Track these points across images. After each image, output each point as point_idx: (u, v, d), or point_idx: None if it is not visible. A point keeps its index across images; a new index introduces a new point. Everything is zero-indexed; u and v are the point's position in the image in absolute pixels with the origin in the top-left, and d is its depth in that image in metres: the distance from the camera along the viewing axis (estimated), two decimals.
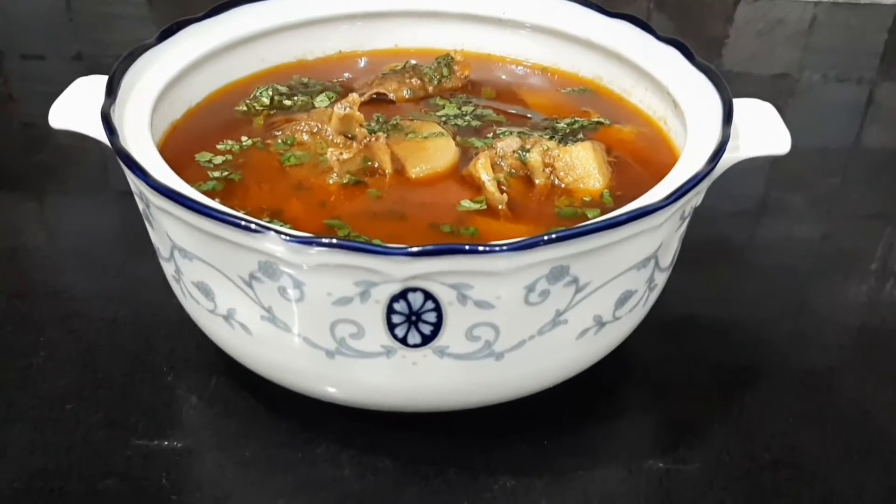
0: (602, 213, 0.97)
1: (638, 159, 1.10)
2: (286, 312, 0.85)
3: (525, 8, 1.25)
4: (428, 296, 0.81)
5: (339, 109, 1.06)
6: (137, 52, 1.08)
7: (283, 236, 0.78)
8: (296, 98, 1.18)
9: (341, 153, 1.02)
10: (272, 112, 1.16)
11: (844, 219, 1.41)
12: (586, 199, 1.01)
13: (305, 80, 1.23)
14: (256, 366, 0.96)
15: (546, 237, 0.79)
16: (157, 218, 0.91)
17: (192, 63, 1.14)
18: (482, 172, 1.01)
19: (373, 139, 1.04)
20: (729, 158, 0.97)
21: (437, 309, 0.82)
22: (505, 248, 0.78)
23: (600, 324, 0.91)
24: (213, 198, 0.98)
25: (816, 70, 1.85)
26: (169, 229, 0.90)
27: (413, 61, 1.24)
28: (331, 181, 1.02)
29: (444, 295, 0.81)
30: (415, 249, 0.77)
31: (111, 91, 0.98)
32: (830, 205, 1.44)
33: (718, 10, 2.08)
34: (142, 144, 0.95)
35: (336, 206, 0.99)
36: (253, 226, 0.79)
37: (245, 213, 0.95)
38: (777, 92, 1.85)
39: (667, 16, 2.07)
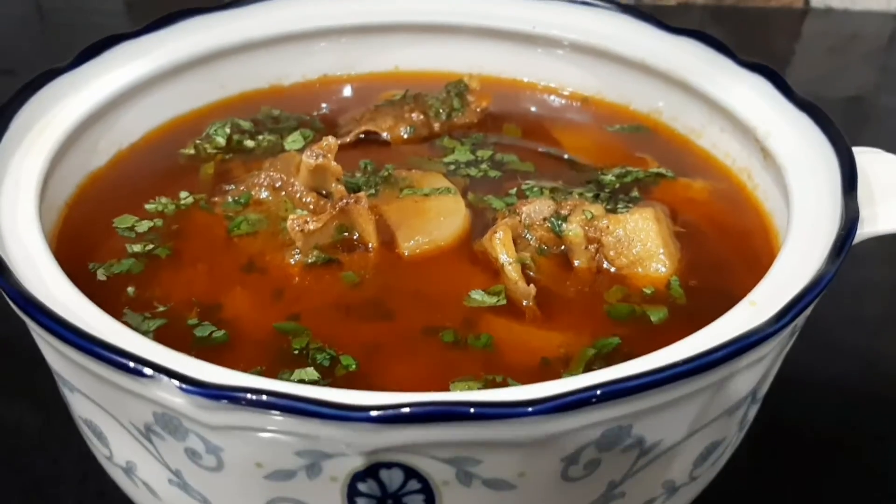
0: (670, 313, 0.67)
1: (714, 227, 0.79)
2: (200, 482, 0.55)
3: (562, 21, 0.94)
4: (411, 473, 0.50)
5: (310, 159, 0.76)
6: (42, 80, 0.79)
7: (178, 384, 0.48)
8: (261, 137, 0.88)
9: (306, 222, 0.72)
10: (228, 156, 0.86)
11: None
12: (647, 290, 0.70)
13: (276, 112, 0.93)
14: None
15: (599, 392, 0.48)
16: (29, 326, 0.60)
17: (124, 91, 0.85)
18: (501, 251, 0.70)
19: (351, 201, 0.73)
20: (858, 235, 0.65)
21: (427, 490, 0.51)
22: (532, 409, 0.47)
23: (671, 490, 0.60)
24: (124, 284, 0.68)
25: None
26: (42, 346, 0.60)
27: (414, 91, 0.93)
28: (292, 260, 0.72)
29: (437, 472, 0.51)
30: (381, 413, 0.46)
31: None
32: None
33: (784, 22, 1.77)
34: (17, 217, 0.65)
35: (296, 296, 0.69)
36: (132, 365, 0.49)
37: (165, 308, 0.66)
38: (849, 118, 1.57)
39: (723, 29, 1.76)
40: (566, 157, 0.88)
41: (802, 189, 0.70)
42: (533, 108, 0.96)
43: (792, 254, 0.63)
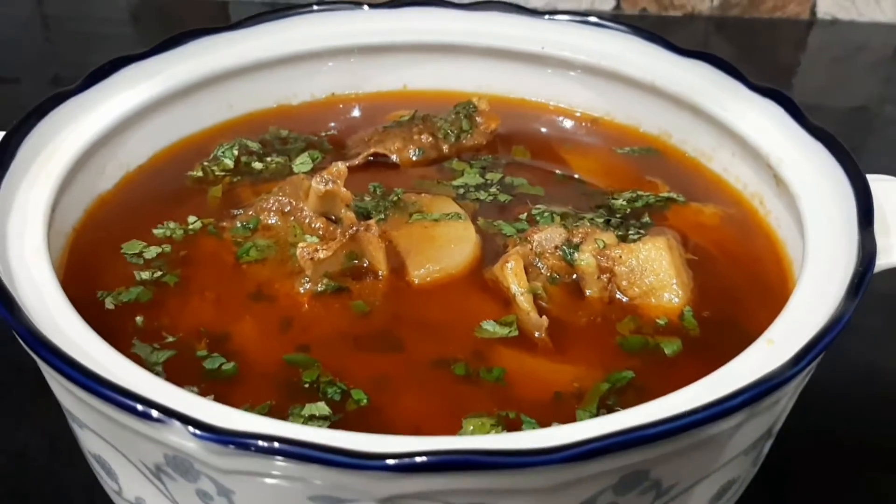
0: (684, 345, 0.66)
1: (726, 254, 0.78)
2: None
3: (571, 41, 0.93)
4: None
5: (319, 185, 0.75)
6: (50, 105, 0.78)
7: (190, 429, 0.47)
8: (269, 159, 0.87)
9: (316, 250, 0.71)
10: (236, 179, 0.85)
11: None
12: (660, 320, 0.69)
13: (284, 132, 0.92)
14: None
15: (618, 440, 0.47)
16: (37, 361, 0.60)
17: (132, 114, 0.84)
18: (512, 281, 0.70)
19: (361, 229, 0.72)
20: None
21: None
22: (550, 458, 0.46)
23: None
24: (133, 313, 0.67)
25: None
26: (50, 382, 0.60)
27: (422, 112, 0.92)
28: (301, 288, 0.71)
29: None
30: (397, 462, 0.45)
31: None
32: None
33: (789, 33, 1.76)
34: (25, 248, 0.64)
35: (306, 326, 0.69)
36: (142, 409, 0.48)
37: (174, 339, 0.65)
38: (853, 128, 1.55)
39: (727, 39, 1.75)
40: (576, 178, 0.87)
41: (817, 219, 0.69)
42: (542, 130, 0.95)
43: (808, 289, 0.62)
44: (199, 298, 0.71)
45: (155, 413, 0.48)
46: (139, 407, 0.49)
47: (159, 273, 0.72)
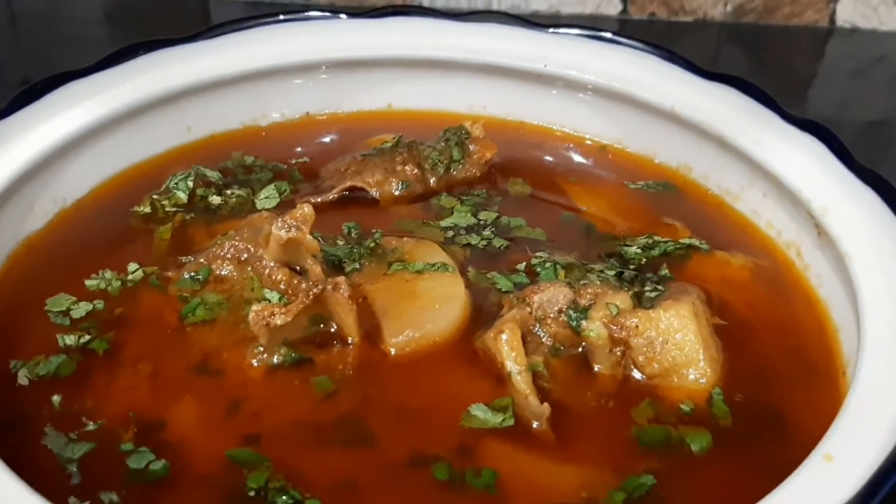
0: (714, 439, 0.53)
1: (759, 318, 0.66)
2: None
3: (578, 59, 0.80)
4: None
5: (280, 231, 0.62)
6: None
7: None
8: (229, 192, 0.74)
9: (272, 314, 0.58)
10: (189, 216, 0.72)
11: None
12: (685, 406, 0.57)
13: (250, 159, 0.79)
14: None
15: None
16: None
17: (70, 140, 0.72)
18: (508, 357, 0.57)
19: (329, 287, 0.59)
20: None
21: None
22: None
23: None
24: (50, 390, 0.56)
25: None
26: None
27: (407, 138, 0.79)
28: (254, 361, 0.58)
29: None
30: None
31: None
32: None
33: (807, 42, 1.63)
34: None
35: (257, 410, 0.57)
36: None
37: (96, 426, 0.52)
38: (872, 143, 1.43)
39: (741, 49, 1.62)
40: (583, 219, 0.75)
41: (873, 288, 0.57)
42: (544, 159, 0.83)
43: (868, 383, 0.50)
44: (131, 372, 0.59)
45: None
46: None
47: (87, 338, 0.60)
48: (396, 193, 0.76)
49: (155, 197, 0.73)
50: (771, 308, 0.66)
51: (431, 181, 0.77)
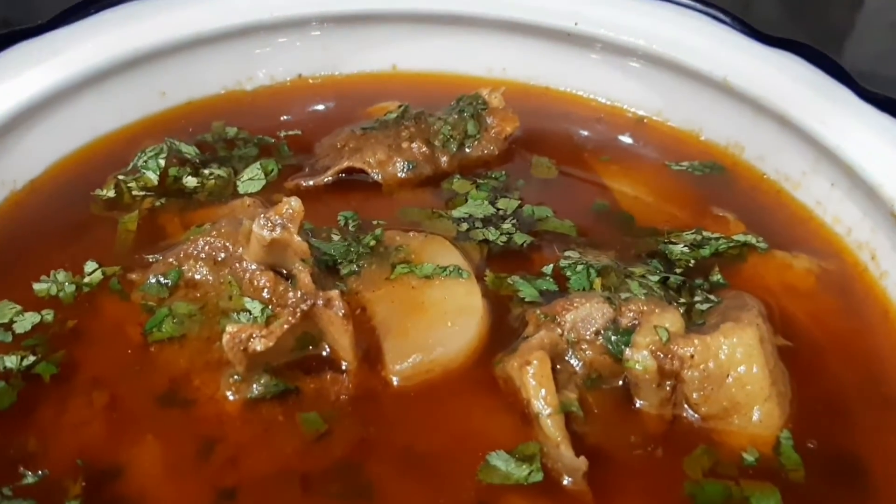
0: (783, 497, 0.43)
1: (828, 335, 0.56)
2: None
3: (615, 18, 0.68)
4: None
5: (263, 231, 0.51)
6: None
7: None
8: (207, 172, 0.63)
9: (250, 337, 0.48)
10: (160, 202, 0.61)
11: None
12: (747, 455, 0.47)
13: (232, 130, 0.69)
14: None
15: None
16: None
17: (22, 109, 0.62)
18: (536, 394, 0.47)
19: (320, 303, 0.49)
20: None
21: None
22: None
23: None
24: None
25: None
26: None
27: (415, 109, 0.68)
28: (229, 392, 0.48)
29: None
30: None
31: None
32: None
33: None
34: None
35: (233, 455, 0.48)
36: None
37: (35, 479, 0.43)
38: None
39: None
40: (619, 208, 0.64)
41: None
42: (573, 133, 0.71)
43: None
44: (83, 403, 0.49)
45: None
46: None
47: (31, 359, 0.51)
48: (401, 176, 0.65)
49: (121, 178, 0.63)
50: (841, 324, 0.56)
51: (442, 161, 0.66)
